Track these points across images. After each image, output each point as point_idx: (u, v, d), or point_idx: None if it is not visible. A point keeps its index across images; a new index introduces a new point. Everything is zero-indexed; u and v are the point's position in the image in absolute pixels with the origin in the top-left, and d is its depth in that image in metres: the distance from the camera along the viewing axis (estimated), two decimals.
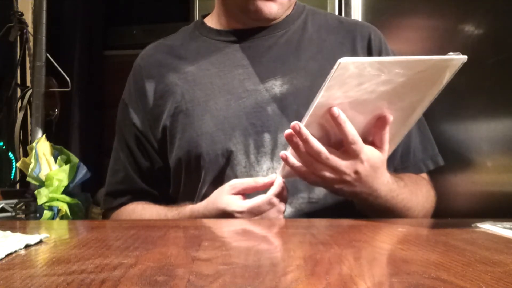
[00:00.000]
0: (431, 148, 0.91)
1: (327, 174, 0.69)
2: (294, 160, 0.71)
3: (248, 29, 0.93)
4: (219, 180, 0.83)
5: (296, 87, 0.87)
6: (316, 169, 0.69)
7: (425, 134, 0.91)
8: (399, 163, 0.88)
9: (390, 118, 0.69)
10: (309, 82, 0.87)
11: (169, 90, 0.91)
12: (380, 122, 0.69)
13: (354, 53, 0.91)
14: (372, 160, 0.69)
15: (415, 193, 0.82)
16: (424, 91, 0.68)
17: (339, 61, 0.61)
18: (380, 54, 0.91)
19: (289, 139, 0.69)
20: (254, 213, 0.73)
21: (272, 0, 0.87)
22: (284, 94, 0.87)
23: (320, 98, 0.65)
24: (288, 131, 0.68)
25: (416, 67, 0.64)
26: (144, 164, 0.95)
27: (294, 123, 0.67)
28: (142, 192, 0.95)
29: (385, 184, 0.73)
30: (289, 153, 0.71)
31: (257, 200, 0.73)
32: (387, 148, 0.71)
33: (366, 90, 0.65)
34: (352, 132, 0.67)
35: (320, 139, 0.68)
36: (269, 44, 0.92)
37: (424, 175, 0.90)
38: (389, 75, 0.63)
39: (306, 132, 0.67)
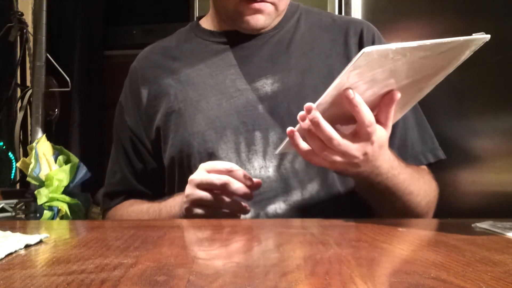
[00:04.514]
0: (430, 141, 0.90)
1: (337, 158, 0.66)
2: (300, 141, 0.68)
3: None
4: None
5: (287, 85, 0.88)
6: (325, 154, 0.66)
7: (423, 127, 0.91)
8: (398, 155, 0.87)
9: (398, 95, 0.66)
10: (300, 79, 0.88)
11: (162, 91, 0.93)
12: (387, 99, 0.66)
13: (346, 49, 0.91)
14: (380, 140, 0.67)
15: (417, 177, 0.80)
16: (440, 68, 0.66)
17: (363, 50, 0.58)
18: None
19: (302, 120, 0.65)
20: (205, 179, 0.74)
21: (259, 12, 0.88)
22: (275, 92, 0.87)
23: (338, 82, 0.62)
24: (302, 112, 0.65)
25: (440, 49, 0.63)
26: (138, 165, 0.97)
27: (308, 104, 0.64)
28: (137, 193, 0.97)
29: (387, 161, 0.71)
30: (296, 131, 0.68)
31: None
32: (391, 125, 0.69)
33: (384, 72, 0.63)
34: (368, 114, 0.64)
35: (330, 121, 0.65)
36: (261, 43, 0.93)
37: (425, 167, 0.89)
38: (411, 57, 0.62)
39: (318, 115, 0.63)
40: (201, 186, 0.74)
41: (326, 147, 0.65)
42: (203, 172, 0.75)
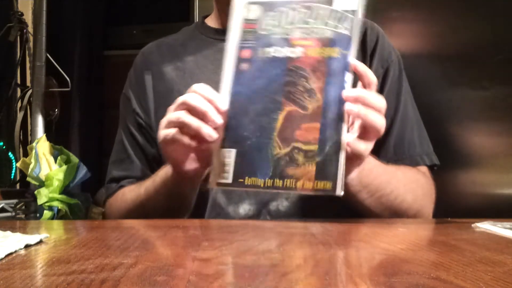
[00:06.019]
0: (427, 145, 0.91)
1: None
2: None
3: None
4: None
5: None
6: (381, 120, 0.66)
7: (421, 131, 0.91)
8: (392, 155, 0.87)
9: None
10: None
11: (166, 86, 0.94)
12: None
13: None
14: None
15: (393, 171, 0.80)
16: None
17: None
18: (374, 50, 0.90)
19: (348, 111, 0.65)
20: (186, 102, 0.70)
21: None
22: None
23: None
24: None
25: None
26: (150, 151, 0.95)
27: (345, 94, 0.64)
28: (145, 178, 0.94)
29: None
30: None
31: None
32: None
33: None
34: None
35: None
36: None
37: (424, 168, 0.88)
38: None
39: (362, 92, 0.66)
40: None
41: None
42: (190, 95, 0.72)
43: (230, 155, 0.67)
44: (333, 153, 0.63)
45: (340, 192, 0.63)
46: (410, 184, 0.82)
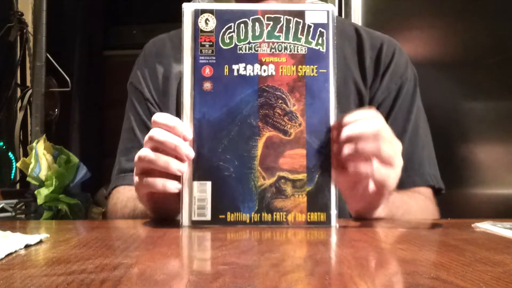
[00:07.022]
0: (434, 169, 0.88)
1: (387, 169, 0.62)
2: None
3: None
4: None
5: None
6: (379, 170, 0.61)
7: (430, 152, 0.89)
8: (402, 171, 0.82)
9: None
10: None
11: (174, 77, 0.94)
12: None
13: (360, 63, 0.89)
14: None
15: (412, 199, 0.80)
16: None
17: None
18: (388, 66, 0.88)
19: (338, 150, 0.59)
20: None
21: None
22: None
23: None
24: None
25: None
26: None
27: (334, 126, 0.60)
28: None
29: None
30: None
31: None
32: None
33: None
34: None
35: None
36: None
37: (429, 192, 0.86)
38: None
39: (353, 129, 0.59)
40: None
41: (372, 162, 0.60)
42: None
43: (205, 189, 0.60)
44: (323, 181, 0.60)
45: (334, 223, 0.60)
46: (423, 213, 0.81)
